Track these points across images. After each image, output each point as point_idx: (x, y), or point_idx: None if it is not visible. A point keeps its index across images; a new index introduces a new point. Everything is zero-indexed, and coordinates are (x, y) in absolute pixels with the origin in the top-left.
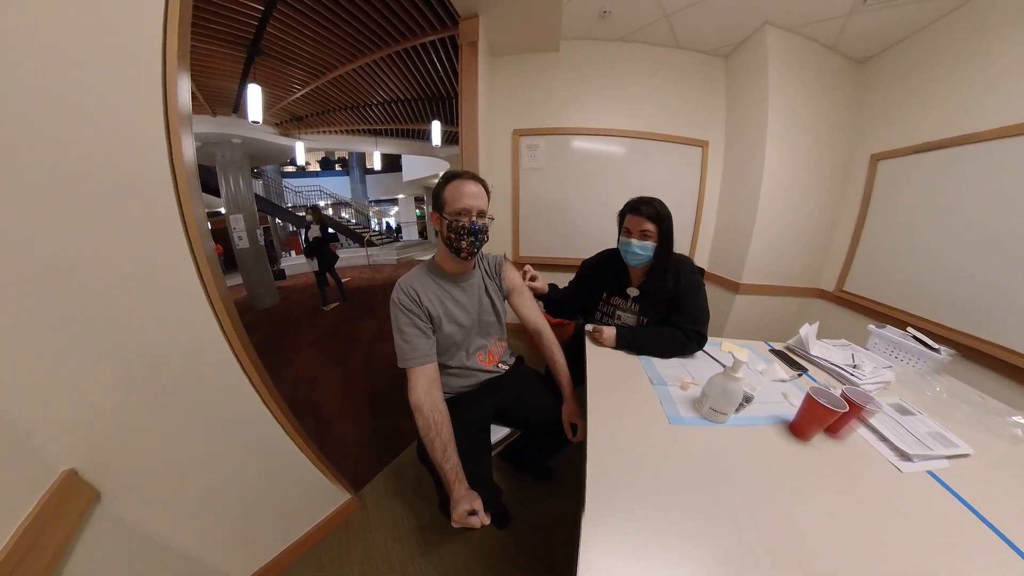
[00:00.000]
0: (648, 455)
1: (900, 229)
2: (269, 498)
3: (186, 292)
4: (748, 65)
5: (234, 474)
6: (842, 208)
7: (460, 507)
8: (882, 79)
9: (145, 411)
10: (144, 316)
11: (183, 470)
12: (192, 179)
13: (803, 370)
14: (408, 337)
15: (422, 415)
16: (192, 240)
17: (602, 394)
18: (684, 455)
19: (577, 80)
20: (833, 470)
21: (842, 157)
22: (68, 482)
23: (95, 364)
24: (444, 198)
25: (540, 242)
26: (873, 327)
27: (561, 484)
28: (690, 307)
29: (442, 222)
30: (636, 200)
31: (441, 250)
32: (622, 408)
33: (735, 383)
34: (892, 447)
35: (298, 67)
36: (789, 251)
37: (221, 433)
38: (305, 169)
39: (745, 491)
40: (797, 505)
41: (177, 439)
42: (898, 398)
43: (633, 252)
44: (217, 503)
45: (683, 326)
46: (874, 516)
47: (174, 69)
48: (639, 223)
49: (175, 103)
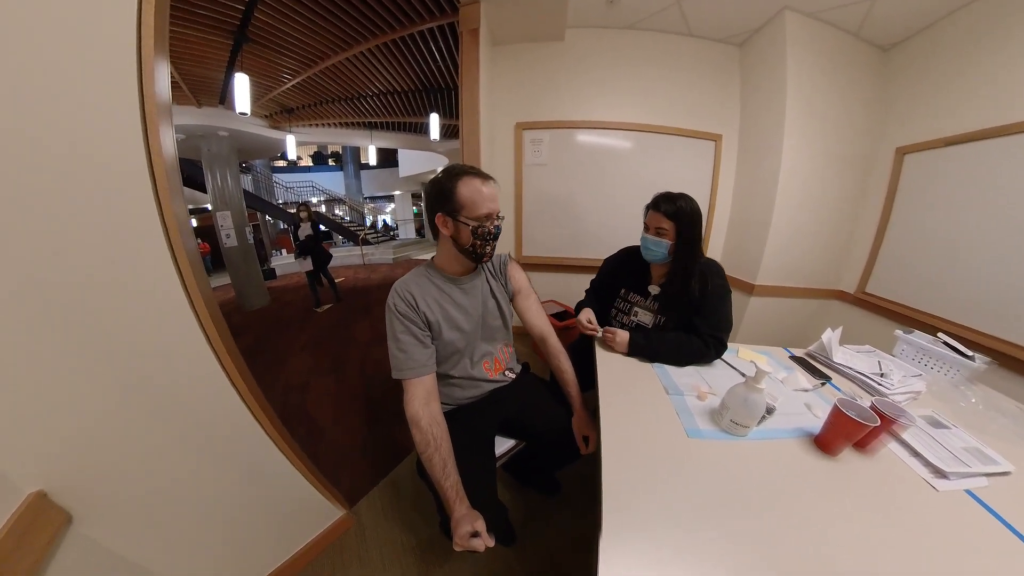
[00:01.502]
0: (666, 471)
1: (928, 227)
2: (257, 516)
3: (166, 297)
4: (765, 53)
5: (219, 491)
6: (864, 205)
7: (462, 528)
8: (909, 67)
9: (122, 427)
10: (119, 325)
11: (164, 489)
12: (172, 173)
13: (826, 379)
14: (404, 346)
15: (419, 430)
16: (172, 240)
17: (615, 404)
18: (704, 471)
19: (583, 71)
20: (863, 488)
21: (865, 151)
22: (36, 505)
23: (65, 377)
24: (461, 200)
25: (544, 242)
26: (900, 332)
27: (568, 498)
28: (712, 311)
29: (459, 227)
30: (660, 196)
31: (448, 253)
32: (636, 419)
33: (757, 394)
34: (926, 463)
35: (288, 55)
36: (807, 250)
37: (206, 448)
38: (296, 164)
39: (771, 510)
40: (826, 526)
41: (157, 456)
42: (930, 410)
43: (647, 247)
44: (201, 522)
45: (703, 331)
46: (908, 538)
47: (150, 51)
48: (656, 219)
49: (152, 90)
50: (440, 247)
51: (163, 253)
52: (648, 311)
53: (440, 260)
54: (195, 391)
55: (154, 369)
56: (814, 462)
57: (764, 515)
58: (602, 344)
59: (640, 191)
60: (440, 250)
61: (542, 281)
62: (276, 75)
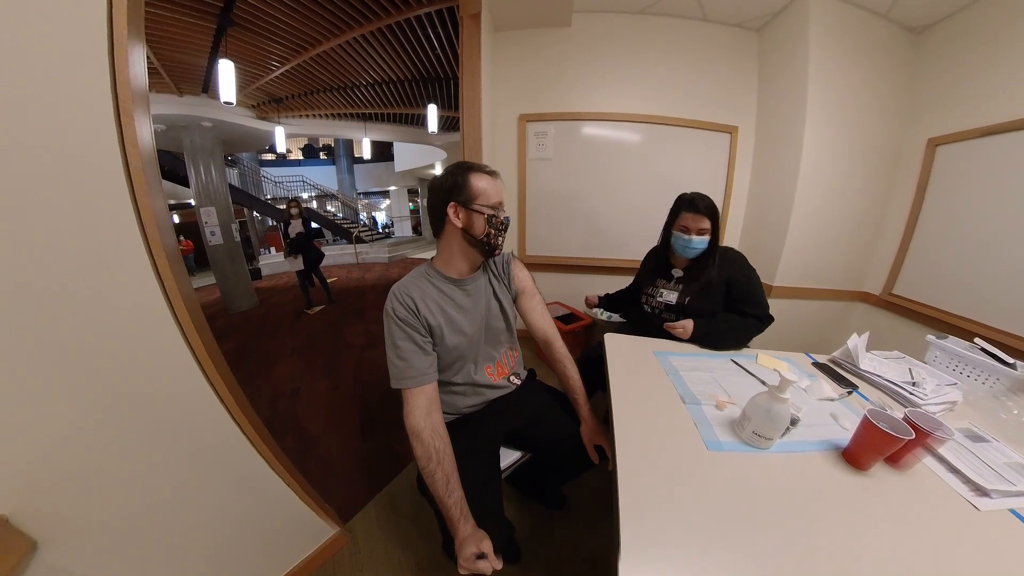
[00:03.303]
0: (685, 485)
1: (962, 224)
2: (244, 535)
3: (143, 301)
4: (785, 38)
5: (202, 510)
6: (892, 200)
7: (467, 549)
8: (942, 51)
9: (95, 443)
10: (91, 332)
11: (143, 509)
12: (150, 166)
13: (853, 387)
14: (404, 353)
15: (421, 443)
16: (149, 238)
17: (629, 415)
18: (726, 485)
19: (591, 59)
20: (898, 506)
21: (893, 142)
22: None
23: (29, 390)
24: (475, 190)
25: (548, 240)
26: (932, 337)
27: (575, 512)
28: (758, 295)
29: (473, 215)
30: (694, 197)
31: (452, 251)
32: (652, 430)
33: (781, 405)
34: (966, 480)
35: (276, 41)
36: (829, 249)
37: (188, 464)
38: (286, 157)
39: (798, 528)
40: (857, 545)
41: (135, 474)
42: (967, 422)
43: (693, 247)
44: (184, 544)
45: (754, 312)
46: (947, 561)
47: (123, 31)
48: (698, 220)
49: (126, 74)
50: (442, 246)
51: (140, 253)
52: (672, 291)
53: (441, 260)
54: (176, 403)
55: (130, 380)
56: (843, 477)
57: (791, 533)
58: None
59: (650, 187)
60: (442, 249)
61: (546, 282)
62: (263, 62)
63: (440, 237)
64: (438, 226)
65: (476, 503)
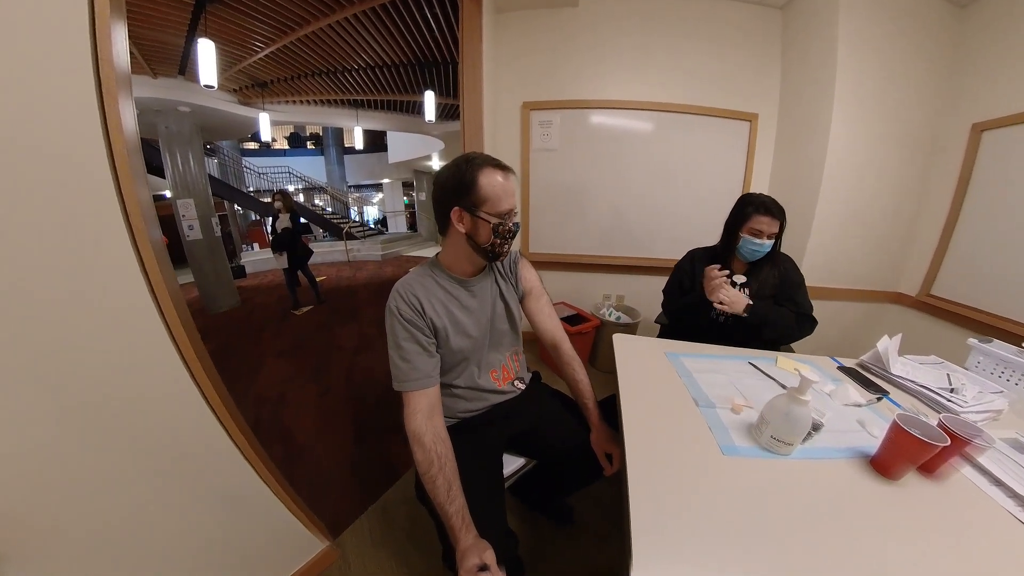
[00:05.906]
0: (699, 493)
1: (1010, 217)
2: (227, 549)
3: (128, 296)
4: (812, 15)
5: (183, 521)
6: (930, 192)
7: (468, 560)
8: (990, 26)
9: (68, 447)
10: (72, 329)
11: (120, 519)
12: (134, 154)
13: (883, 393)
14: (407, 355)
15: (422, 447)
16: (135, 230)
17: (640, 419)
18: (742, 493)
19: (599, 42)
20: (932, 519)
21: (931, 128)
22: None
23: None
24: (483, 194)
25: (553, 237)
26: (975, 341)
27: (582, 525)
28: (804, 296)
29: (478, 223)
30: (765, 200)
31: (459, 251)
32: (665, 436)
33: (801, 407)
34: (1011, 493)
35: (260, 19)
36: (858, 245)
37: (170, 471)
38: (270, 146)
39: (822, 540)
40: (886, 559)
41: (112, 481)
42: (1014, 431)
43: (758, 250)
44: (163, 557)
45: (805, 311)
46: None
47: (105, 6)
48: (772, 224)
49: (108, 52)
50: (448, 244)
51: (124, 245)
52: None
53: (447, 258)
54: (159, 404)
55: (109, 380)
56: (871, 486)
57: (815, 545)
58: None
59: (662, 180)
60: (448, 247)
61: (551, 281)
62: (247, 42)
63: (444, 235)
64: (442, 223)
65: (478, 511)
